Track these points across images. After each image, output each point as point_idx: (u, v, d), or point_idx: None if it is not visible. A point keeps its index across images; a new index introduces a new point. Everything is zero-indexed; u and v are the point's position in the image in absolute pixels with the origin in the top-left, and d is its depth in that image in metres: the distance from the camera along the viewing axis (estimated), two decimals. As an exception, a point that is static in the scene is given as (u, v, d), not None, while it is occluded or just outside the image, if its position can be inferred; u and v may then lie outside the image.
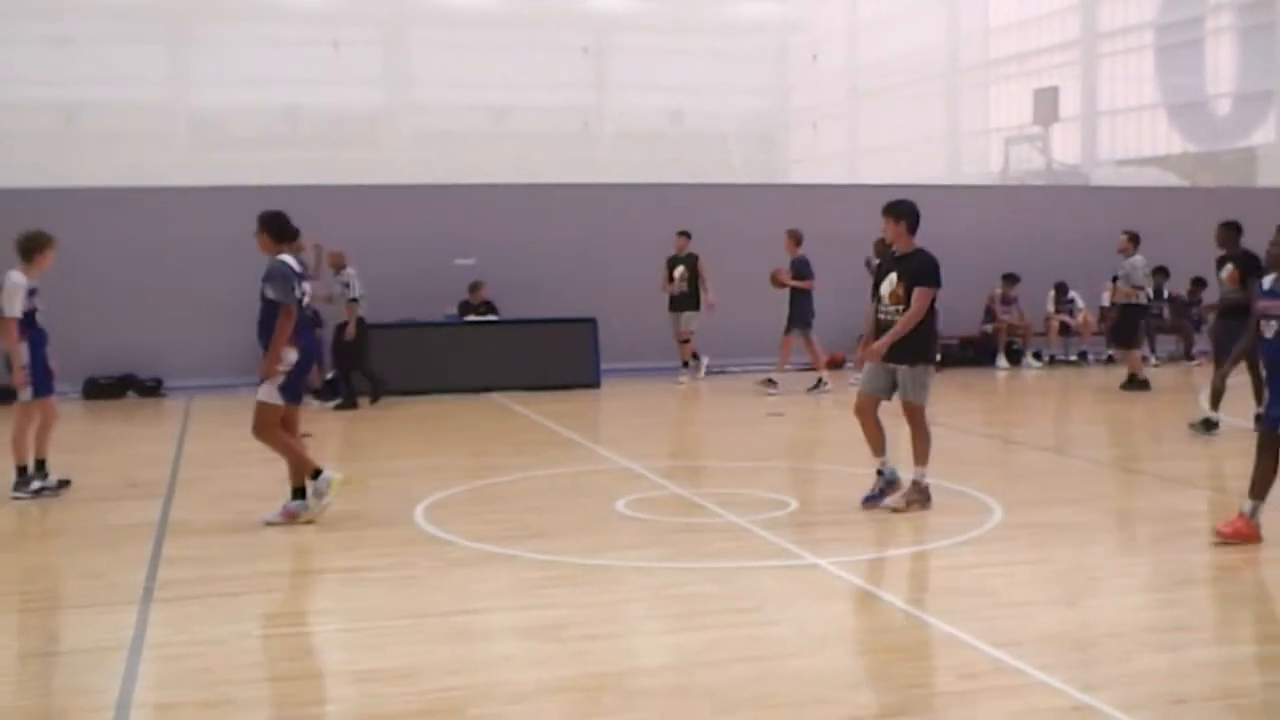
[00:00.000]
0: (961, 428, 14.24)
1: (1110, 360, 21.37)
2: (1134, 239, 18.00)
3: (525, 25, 31.59)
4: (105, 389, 18.89)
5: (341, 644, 6.85)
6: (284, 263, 9.59)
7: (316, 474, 9.66)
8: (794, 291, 18.37)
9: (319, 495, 9.62)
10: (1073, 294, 22.30)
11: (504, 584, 7.85)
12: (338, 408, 17.05)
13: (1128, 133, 30.83)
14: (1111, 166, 29.87)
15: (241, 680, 6.06)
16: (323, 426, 15.84)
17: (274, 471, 9.94)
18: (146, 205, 19.80)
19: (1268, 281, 8.63)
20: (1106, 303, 20.73)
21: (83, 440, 14.46)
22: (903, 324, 9.49)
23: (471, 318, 20.03)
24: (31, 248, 10.97)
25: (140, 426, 16.45)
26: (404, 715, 5.59)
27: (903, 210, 9.98)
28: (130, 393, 19.07)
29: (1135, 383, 17.78)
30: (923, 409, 9.76)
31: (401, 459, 13.17)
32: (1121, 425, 15.60)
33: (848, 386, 18.46)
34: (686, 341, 19.66)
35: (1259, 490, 8.37)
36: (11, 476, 10.86)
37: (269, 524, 9.49)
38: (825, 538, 8.86)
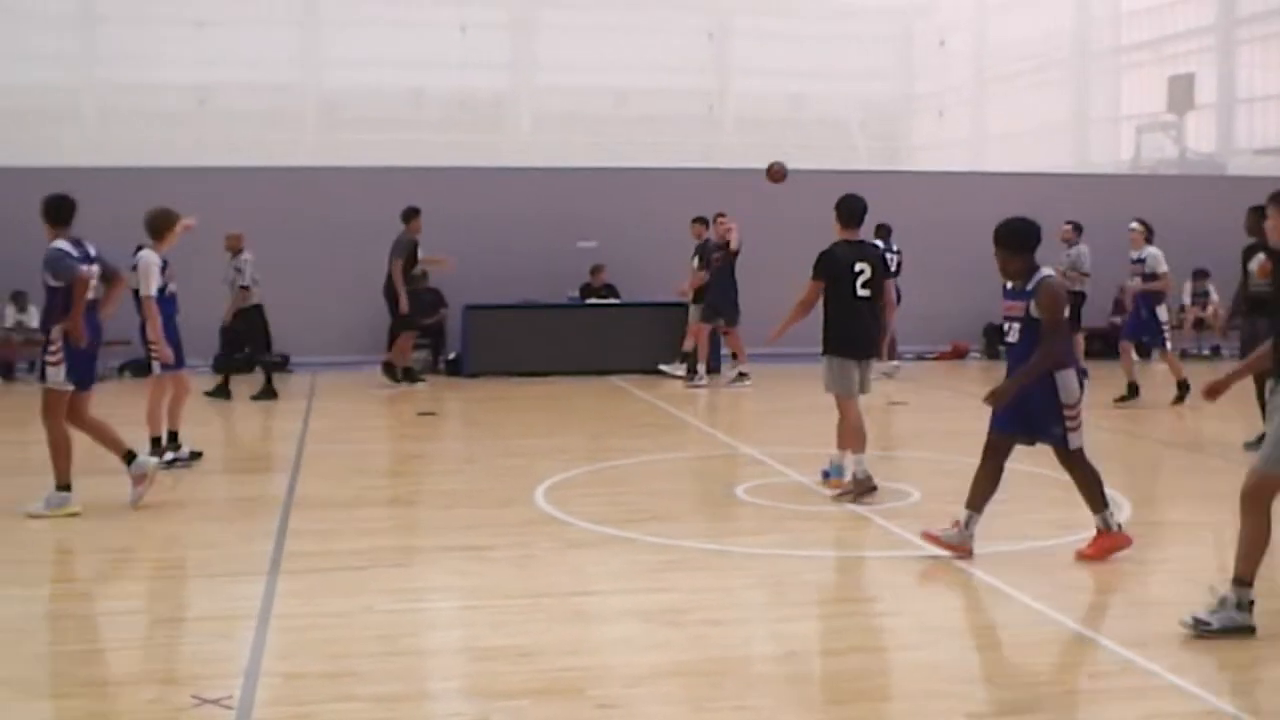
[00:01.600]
0: (1089, 422, 13.96)
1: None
2: (1078, 228, 17.89)
3: (648, 8, 31.53)
4: (234, 364, 19.22)
5: (462, 621, 6.91)
6: (58, 248, 9.45)
7: (64, 487, 9.34)
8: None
9: (48, 504, 9.21)
10: (1208, 286, 21.85)
11: (622, 566, 7.87)
12: (254, 398, 16.26)
13: (1267, 121, 29.99)
14: (1249, 155, 29.06)
15: (364, 653, 6.14)
16: (443, 407, 16.03)
17: (401, 448, 10.05)
18: (275, 185, 20.13)
19: None
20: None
21: (213, 414, 14.75)
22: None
23: (592, 300, 20.10)
24: (160, 225, 11.23)
25: (267, 401, 16.72)
26: (522, 694, 5.62)
27: None
28: (258, 368, 19.40)
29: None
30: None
31: (521, 439, 13.25)
32: (1254, 421, 15.19)
33: (964, 380, 18.27)
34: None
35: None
36: (146, 448, 11.11)
37: (136, 506, 9.42)
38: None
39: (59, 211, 9.79)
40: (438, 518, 9.38)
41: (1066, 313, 8.02)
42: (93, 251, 9.65)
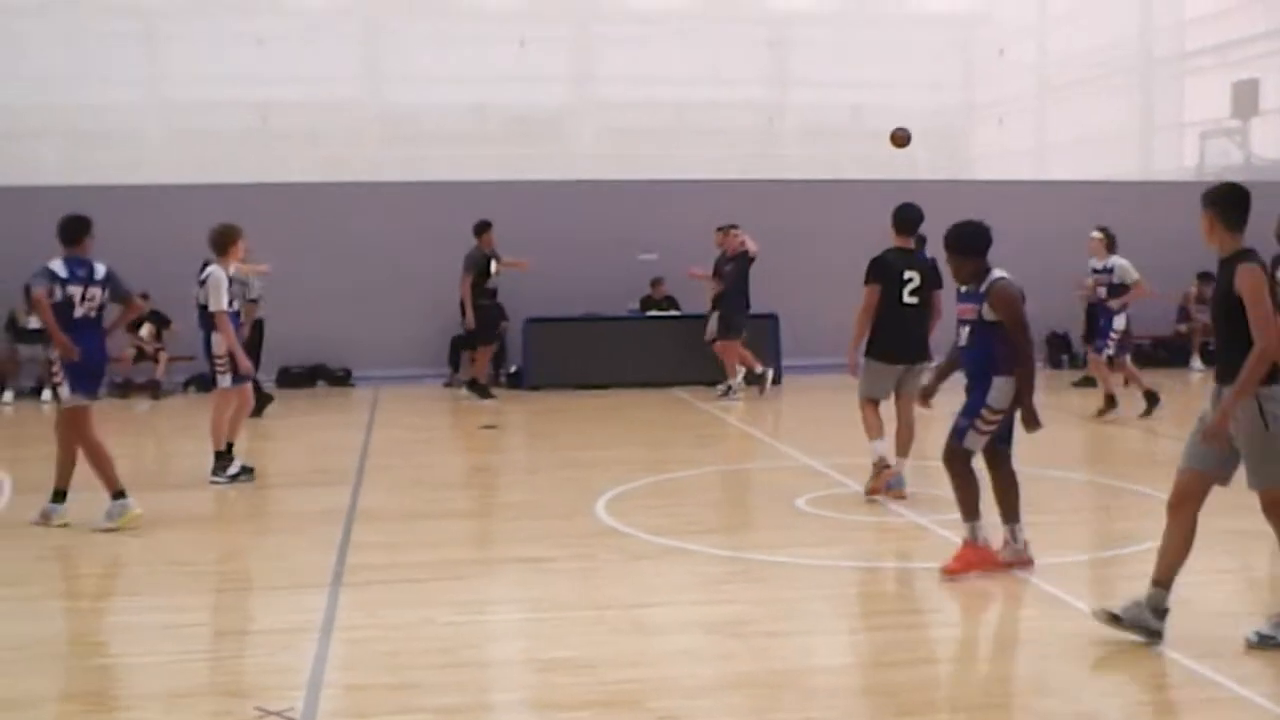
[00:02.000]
0: (1154, 430, 13.84)
1: None
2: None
3: (708, 21, 31.55)
4: (297, 378, 19.43)
5: (523, 633, 6.92)
6: (42, 266, 9.62)
7: (119, 495, 9.39)
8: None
9: (109, 517, 9.30)
10: (1282, 291, 21.54)
11: (684, 578, 7.86)
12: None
13: (1334, 126, 29.59)
14: (1317, 162, 28.70)
15: (426, 665, 6.16)
16: (504, 420, 16.07)
17: (463, 460, 10.09)
18: (338, 200, 20.31)
19: None
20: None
21: (276, 428, 14.88)
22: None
23: (653, 313, 20.12)
24: (225, 241, 11.37)
25: (330, 414, 16.86)
26: (584, 705, 5.63)
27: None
28: (320, 382, 19.59)
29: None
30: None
31: (583, 451, 13.27)
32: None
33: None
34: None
35: (973, 510, 7.88)
36: (209, 461, 11.22)
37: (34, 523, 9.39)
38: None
39: (63, 231, 10.00)
40: (499, 529, 9.41)
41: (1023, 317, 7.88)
42: (99, 273, 9.71)
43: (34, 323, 18.08)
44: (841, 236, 19.92)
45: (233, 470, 11.17)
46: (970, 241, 8.10)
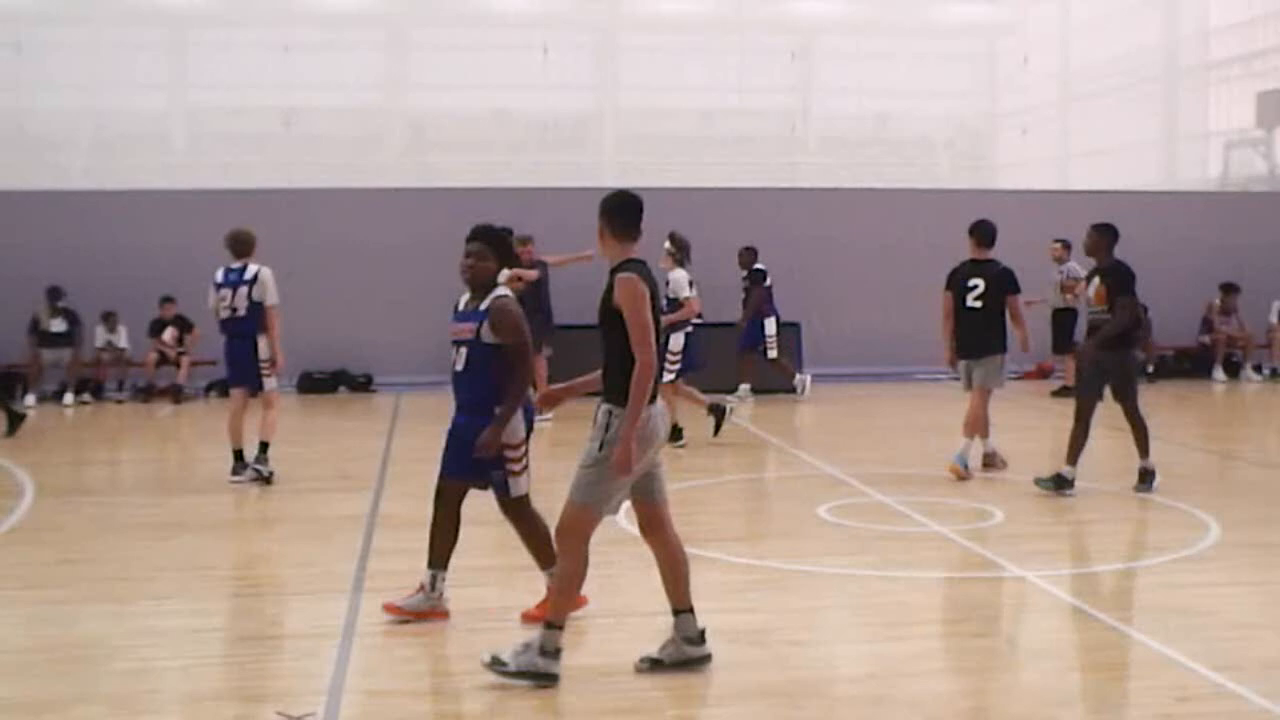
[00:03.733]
0: (1177, 441, 13.79)
1: None
2: (1067, 245, 18.47)
3: (731, 30, 31.59)
4: (318, 383, 19.46)
5: (545, 640, 6.90)
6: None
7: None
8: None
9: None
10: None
11: (704, 586, 7.82)
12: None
13: (1359, 137, 29.48)
14: (1342, 171, 28.59)
15: (446, 671, 6.18)
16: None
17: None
18: (361, 206, 20.34)
19: None
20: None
21: (297, 433, 14.91)
22: None
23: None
24: (252, 242, 11.59)
25: (351, 420, 16.88)
26: (605, 713, 5.63)
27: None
28: (342, 388, 19.61)
29: (1066, 390, 17.54)
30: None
31: (603, 459, 13.23)
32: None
33: (1048, 401, 18.07)
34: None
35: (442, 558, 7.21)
36: (229, 462, 11.27)
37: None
38: (1032, 550, 8.66)
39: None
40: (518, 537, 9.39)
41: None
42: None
43: (56, 326, 18.23)
44: (864, 245, 19.93)
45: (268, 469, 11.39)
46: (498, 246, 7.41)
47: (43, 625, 7.12)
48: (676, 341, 13.71)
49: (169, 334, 18.50)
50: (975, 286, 11.78)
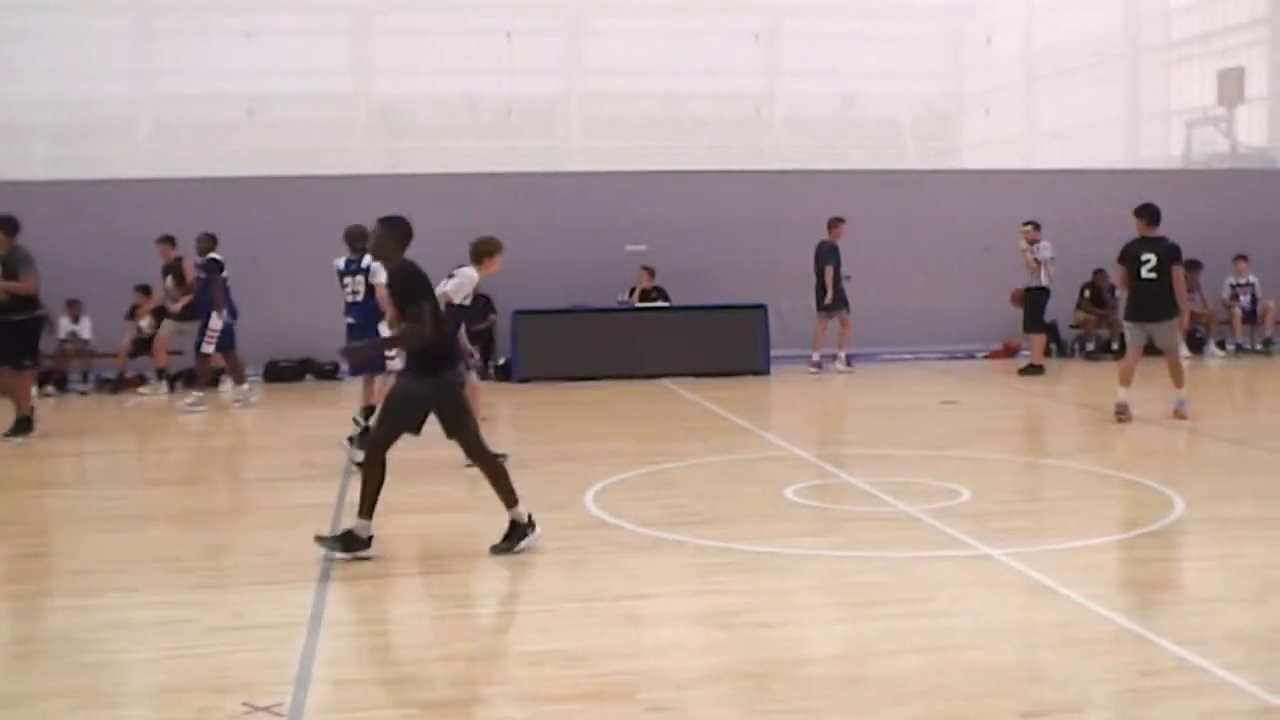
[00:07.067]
0: (1140, 417, 13.86)
1: None
2: (1037, 226, 18.92)
3: (697, 12, 31.54)
4: (285, 372, 19.40)
5: (513, 626, 6.92)
6: None
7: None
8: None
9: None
10: (1252, 279, 21.70)
11: (674, 569, 7.86)
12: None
13: (1319, 114, 29.65)
14: (1302, 148, 28.77)
15: (416, 660, 6.16)
16: (493, 412, 16.04)
17: (451, 454, 10.01)
18: (328, 193, 20.24)
19: None
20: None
21: (264, 422, 14.86)
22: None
23: (642, 304, 20.11)
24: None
25: (318, 409, 16.83)
26: (575, 698, 5.62)
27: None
28: (309, 376, 19.55)
29: (1033, 369, 18.63)
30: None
31: (572, 444, 13.27)
32: None
33: (1016, 378, 18.14)
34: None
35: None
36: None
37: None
38: (999, 528, 8.70)
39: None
40: (488, 523, 9.36)
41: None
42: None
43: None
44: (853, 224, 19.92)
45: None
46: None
47: (6, 620, 7.07)
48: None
49: (146, 321, 18.38)
50: (1148, 260, 13.73)
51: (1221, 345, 21.42)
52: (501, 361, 19.51)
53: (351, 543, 8.00)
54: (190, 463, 11.35)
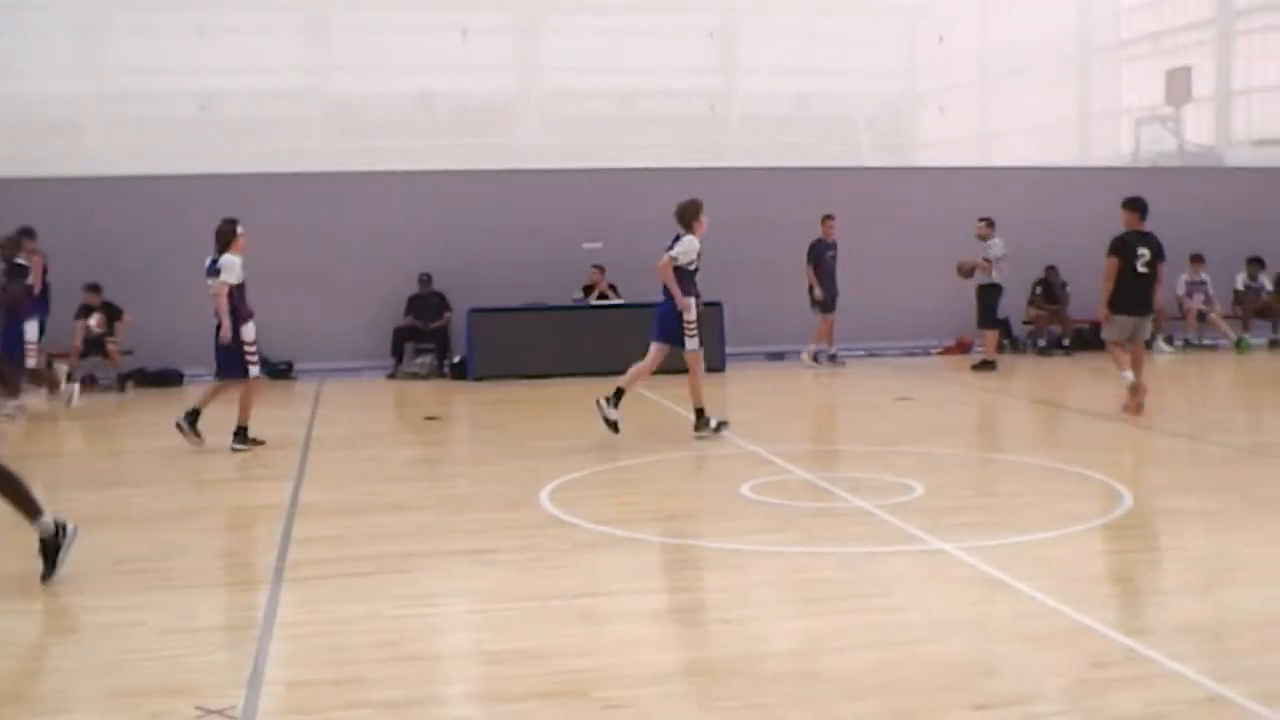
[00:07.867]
0: (1091, 412, 13.97)
1: (1274, 345, 22.04)
2: (991, 224, 19.15)
3: (652, 10, 31.53)
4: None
5: (469, 625, 6.90)
6: None
7: None
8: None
9: None
10: (1204, 276, 21.95)
11: (630, 567, 7.86)
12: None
13: (1266, 112, 29.94)
14: (1248, 147, 29.03)
15: (371, 659, 6.13)
16: (448, 410, 16.02)
17: (406, 453, 10.07)
18: (281, 191, 20.15)
19: None
20: (1240, 285, 22.51)
21: (217, 422, 14.75)
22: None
23: (597, 302, 20.11)
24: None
25: (271, 409, 16.71)
26: (531, 696, 5.62)
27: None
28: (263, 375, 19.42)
29: (986, 365, 19.00)
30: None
31: (528, 442, 13.25)
32: (1257, 410, 15.22)
33: (968, 375, 18.25)
34: None
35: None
36: (147, 458, 11.14)
37: None
38: (953, 523, 8.75)
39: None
40: (444, 522, 9.37)
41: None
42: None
43: None
44: (786, 224, 20.00)
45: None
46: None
47: (-44, 623, 7.00)
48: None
49: (95, 319, 18.19)
50: (1143, 254, 13.78)
51: (1170, 341, 21.63)
52: (457, 360, 19.46)
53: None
54: (141, 465, 11.26)
